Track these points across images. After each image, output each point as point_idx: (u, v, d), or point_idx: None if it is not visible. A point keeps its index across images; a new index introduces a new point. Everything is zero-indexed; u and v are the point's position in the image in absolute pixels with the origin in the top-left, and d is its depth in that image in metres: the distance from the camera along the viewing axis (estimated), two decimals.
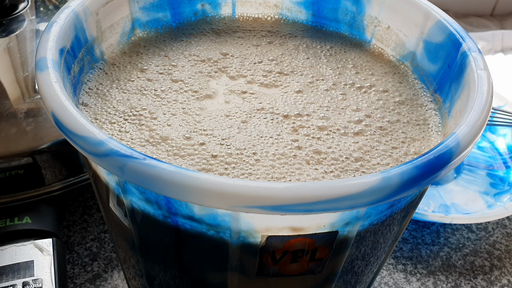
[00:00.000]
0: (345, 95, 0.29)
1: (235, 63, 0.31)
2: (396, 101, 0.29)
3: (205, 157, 0.25)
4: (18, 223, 0.35)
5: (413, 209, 0.26)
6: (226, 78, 0.30)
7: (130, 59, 0.31)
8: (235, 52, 0.32)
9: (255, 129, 0.26)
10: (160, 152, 0.25)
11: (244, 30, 0.35)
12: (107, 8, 0.30)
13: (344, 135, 0.27)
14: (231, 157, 0.25)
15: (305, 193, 0.19)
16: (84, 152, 0.20)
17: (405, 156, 0.26)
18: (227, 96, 0.29)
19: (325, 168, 0.25)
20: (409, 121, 0.28)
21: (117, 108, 0.27)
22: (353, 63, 0.32)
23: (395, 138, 0.27)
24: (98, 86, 0.29)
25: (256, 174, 0.24)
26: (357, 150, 0.26)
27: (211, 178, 0.19)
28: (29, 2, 0.44)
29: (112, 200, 0.24)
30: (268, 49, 0.33)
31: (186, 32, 0.34)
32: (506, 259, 0.42)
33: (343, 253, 0.23)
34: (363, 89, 0.30)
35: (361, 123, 0.28)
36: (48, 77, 0.23)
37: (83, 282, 0.37)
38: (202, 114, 0.27)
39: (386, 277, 0.39)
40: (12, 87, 0.38)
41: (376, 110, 0.29)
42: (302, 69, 0.31)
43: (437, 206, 0.43)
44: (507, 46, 0.67)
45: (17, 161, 0.35)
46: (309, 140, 0.26)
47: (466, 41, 0.27)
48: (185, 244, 0.23)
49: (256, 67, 0.31)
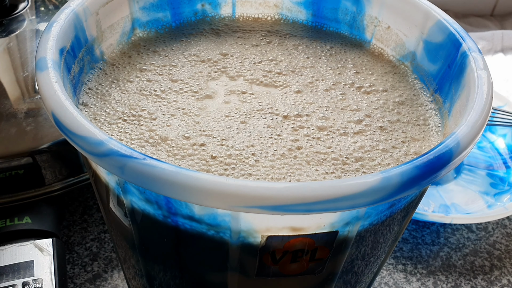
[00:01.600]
0: (345, 95, 0.29)
1: (235, 63, 0.31)
2: (396, 101, 0.29)
3: (205, 158, 0.25)
4: (18, 223, 0.35)
5: (413, 209, 0.26)
6: (226, 78, 0.30)
7: (130, 59, 0.31)
8: (234, 52, 0.32)
9: (255, 129, 0.26)
10: (160, 152, 0.25)
11: (244, 30, 0.35)
12: (107, 8, 0.30)
13: (344, 135, 0.27)
14: (231, 158, 0.25)
15: (305, 193, 0.19)
16: (84, 152, 0.20)
17: (405, 156, 0.26)
18: (227, 97, 0.29)
19: (325, 169, 0.25)
20: (409, 121, 0.28)
21: (116, 109, 0.27)
22: (353, 63, 0.32)
23: (395, 138, 0.27)
24: (98, 86, 0.29)
25: (256, 175, 0.24)
26: (357, 150, 0.26)
27: (211, 178, 0.19)
28: (29, 2, 0.44)
29: (112, 200, 0.24)
30: (268, 49, 0.33)
31: (186, 32, 0.34)
32: (506, 259, 0.42)
33: (343, 253, 0.23)
34: (363, 89, 0.30)
35: (361, 123, 0.28)
36: (48, 77, 0.23)
37: (83, 282, 0.37)
38: (202, 114, 0.27)
39: (386, 277, 0.39)
40: (12, 87, 0.38)
41: (376, 110, 0.29)
42: (302, 69, 0.31)
43: (437, 206, 0.43)
44: (507, 46, 0.67)
45: (17, 161, 0.35)
46: (309, 140, 0.26)
47: (466, 41, 0.27)
48: (185, 244, 0.23)
49: (256, 67, 0.31)
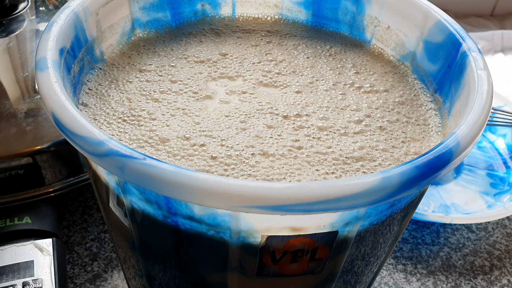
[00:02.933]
0: (345, 95, 0.29)
1: (235, 63, 0.31)
2: (396, 101, 0.29)
3: (205, 158, 0.25)
4: (18, 223, 0.35)
5: (413, 209, 0.26)
6: (226, 79, 0.30)
7: (130, 60, 0.31)
8: (234, 52, 0.32)
9: (254, 129, 0.26)
10: (160, 153, 0.25)
11: (244, 31, 0.35)
12: (107, 8, 0.30)
13: (344, 135, 0.27)
14: (231, 159, 0.25)
15: (305, 193, 0.19)
16: (84, 152, 0.20)
17: (405, 156, 0.26)
18: (227, 97, 0.29)
19: (326, 169, 0.25)
20: (409, 121, 0.28)
21: (116, 109, 0.27)
22: (353, 63, 0.32)
23: (395, 138, 0.27)
24: (98, 86, 0.29)
25: (255, 176, 0.24)
26: (358, 150, 0.26)
27: (211, 178, 0.19)
28: (29, 2, 0.44)
29: (112, 200, 0.24)
30: (268, 49, 0.33)
31: (186, 32, 0.34)
32: (506, 259, 0.42)
33: (343, 253, 0.23)
34: (363, 89, 0.30)
35: (361, 123, 0.28)
36: (48, 77, 0.23)
37: (83, 282, 0.37)
38: (202, 115, 0.27)
39: (386, 277, 0.39)
40: (12, 87, 0.38)
41: (376, 110, 0.29)
42: (302, 69, 0.31)
43: (437, 206, 0.43)
44: (507, 46, 0.67)
45: (17, 161, 0.35)
46: (309, 140, 0.26)
47: (466, 41, 0.27)
48: (185, 244, 0.23)
49: (255, 67, 0.31)
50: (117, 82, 0.29)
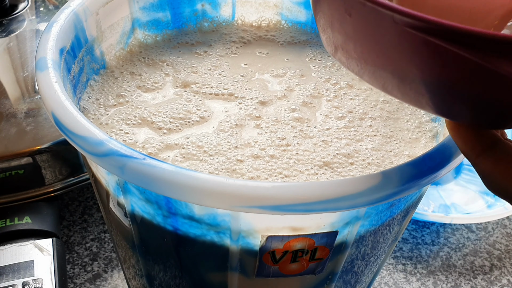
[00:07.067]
0: (343, 96, 0.29)
1: (233, 67, 0.31)
2: (395, 101, 0.29)
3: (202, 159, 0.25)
4: (18, 223, 0.35)
5: (413, 209, 0.26)
6: (222, 84, 0.30)
7: (130, 60, 0.31)
8: (234, 53, 0.32)
9: (247, 134, 0.26)
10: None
11: (244, 31, 0.35)
12: (107, 8, 0.30)
13: (343, 138, 0.27)
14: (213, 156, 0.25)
15: (305, 193, 0.19)
16: (84, 152, 0.20)
17: (405, 156, 0.26)
18: (223, 102, 0.29)
19: (321, 170, 0.25)
20: (409, 121, 0.28)
21: (113, 111, 0.27)
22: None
23: (395, 138, 0.27)
24: (97, 86, 0.29)
25: (240, 173, 0.24)
26: (358, 150, 0.26)
27: (211, 178, 0.19)
28: (29, 2, 0.45)
29: (112, 200, 0.24)
30: (267, 49, 0.33)
31: (186, 32, 0.34)
32: (506, 259, 0.42)
33: (343, 253, 0.23)
34: (362, 90, 0.30)
35: (361, 123, 0.28)
36: (48, 77, 0.23)
37: (83, 282, 0.37)
38: (201, 119, 0.27)
39: (386, 277, 0.39)
40: (12, 87, 0.38)
41: (375, 111, 0.29)
42: (301, 69, 0.31)
43: (437, 206, 0.43)
44: None
45: (17, 161, 0.35)
46: (302, 140, 0.26)
47: None
48: (185, 244, 0.23)
49: (255, 68, 0.31)
50: (116, 83, 0.29)
